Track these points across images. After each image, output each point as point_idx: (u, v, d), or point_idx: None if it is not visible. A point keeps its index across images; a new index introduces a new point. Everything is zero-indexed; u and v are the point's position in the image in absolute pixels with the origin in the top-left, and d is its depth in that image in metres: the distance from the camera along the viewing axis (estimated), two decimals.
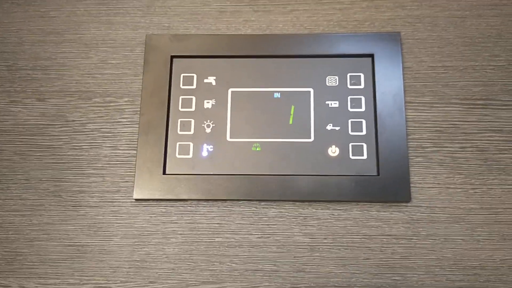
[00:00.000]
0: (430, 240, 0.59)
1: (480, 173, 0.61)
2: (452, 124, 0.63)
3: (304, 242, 0.60)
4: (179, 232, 0.61)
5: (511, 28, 0.65)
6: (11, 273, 0.60)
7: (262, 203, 0.61)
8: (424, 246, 0.59)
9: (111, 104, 0.65)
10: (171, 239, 0.61)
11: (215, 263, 0.60)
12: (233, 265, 0.60)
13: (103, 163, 0.63)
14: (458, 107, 0.63)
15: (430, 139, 0.62)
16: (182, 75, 0.65)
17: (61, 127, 0.65)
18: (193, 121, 0.64)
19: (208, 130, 0.63)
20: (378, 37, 0.65)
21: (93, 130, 0.64)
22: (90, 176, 0.63)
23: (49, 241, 0.61)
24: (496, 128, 0.62)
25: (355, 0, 0.68)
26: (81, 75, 0.66)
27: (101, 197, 0.62)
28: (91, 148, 0.64)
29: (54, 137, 0.64)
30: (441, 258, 0.59)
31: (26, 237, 0.61)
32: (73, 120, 0.65)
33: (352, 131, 0.63)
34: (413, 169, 0.61)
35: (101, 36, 0.68)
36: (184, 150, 0.63)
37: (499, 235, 0.59)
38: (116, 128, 0.64)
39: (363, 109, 0.63)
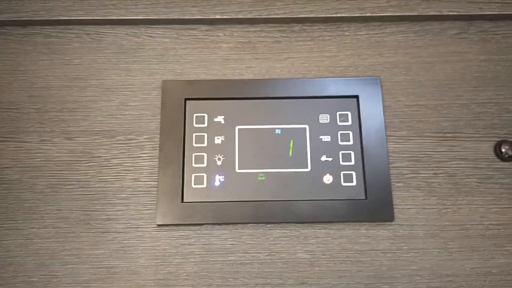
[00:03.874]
0: (411, 253, 0.69)
1: (451, 195, 0.71)
2: (426, 154, 0.73)
3: (306, 258, 0.69)
4: (197, 252, 0.69)
5: (472, 72, 0.77)
6: None
7: (268, 225, 0.70)
8: (406, 259, 0.69)
9: (132, 141, 0.74)
10: (190, 259, 0.69)
11: (229, 279, 0.68)
12: (245, 280, 0.68)
13: (127, 193, 0.71)
14: (431, 139, 0.74)
15: (408, 167, 0.73)
16: (194, 115, 0.75)
17: (88, 163, 0.73)
18: (205, 155, 0.73)
19: (219, 163, 0.73)
20: (362, 81, 0.76)
21: (117, 165, 0.73)
22: (116, 205, 0.71)
23: (81, 265, 0.68)
24: (463, 157, 0.73)
25: (340, 49, 0.79)
26: (105, 116, 0.75)
27: (127, 223, 0.70)
28: (116, 180, 0.72)
29: (82, 171, 0.72)
30: (421, 268, 0.68)
31: (60, 261, 0.69)
32: (99, 156, 0.73)
33: (342, 161, 0.73)
34: (395, 193, 0.71)
35: (121, 82, 0.77)
36: (199, 180, 0.72)
37: (469, 247, 0.69)
38: (137, 162, 0.73)
39: (351, 142, 0.74)
